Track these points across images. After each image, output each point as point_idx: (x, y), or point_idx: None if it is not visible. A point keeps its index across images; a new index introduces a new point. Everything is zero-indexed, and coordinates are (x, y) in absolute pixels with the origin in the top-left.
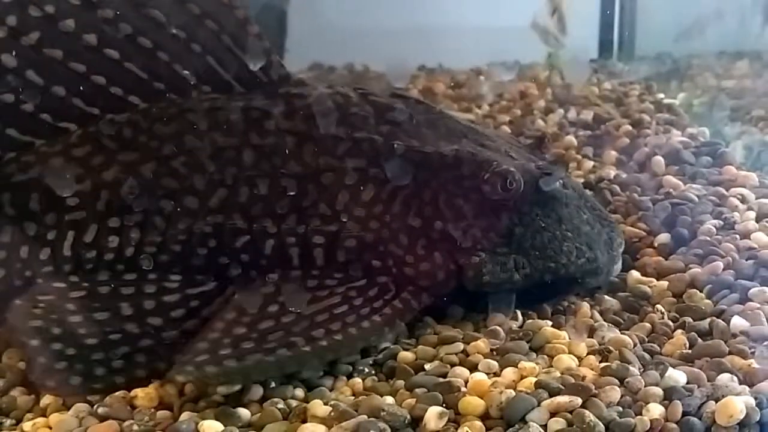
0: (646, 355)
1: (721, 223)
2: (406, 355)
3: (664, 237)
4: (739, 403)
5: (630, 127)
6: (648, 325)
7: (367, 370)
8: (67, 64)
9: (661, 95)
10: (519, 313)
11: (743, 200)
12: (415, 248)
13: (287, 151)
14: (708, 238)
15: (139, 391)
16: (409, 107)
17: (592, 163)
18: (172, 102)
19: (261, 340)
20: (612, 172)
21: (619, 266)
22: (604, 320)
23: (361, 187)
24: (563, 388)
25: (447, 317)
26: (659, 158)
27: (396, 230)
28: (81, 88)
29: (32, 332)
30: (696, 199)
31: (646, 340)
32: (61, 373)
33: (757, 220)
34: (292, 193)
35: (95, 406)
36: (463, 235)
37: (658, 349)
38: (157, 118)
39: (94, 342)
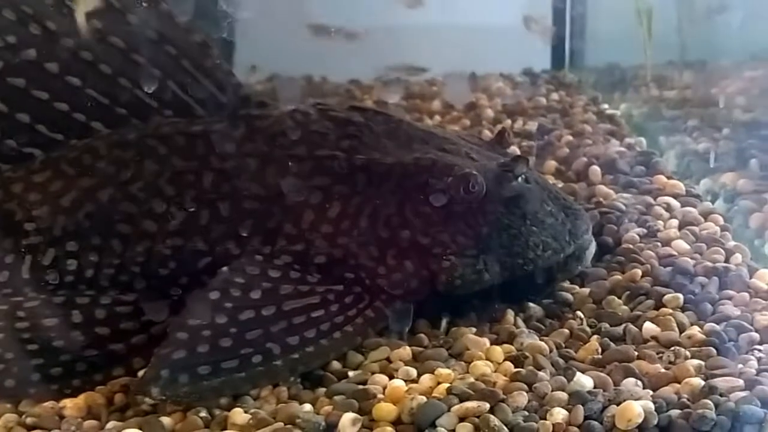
0: (561, 361)
1: (645, 231)
2: (333, 364)
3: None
4: (637, 407)
5: (571, 138)
6: (567, 331)
7: (293, 378)
8: (30, 91)
9: (605, 106)
10: (444, 320)
11: (668, 209)
12: (386, 259)
13: (249, 173)
14: (631, 246)
15: (67, 402)
16: (368, 119)
17: None
18: (134, 127)
19: (238, 341)
20: (550, 182)
21: (592, 249)
22: (527, 327)
23: (327, 205)
24: (473, 393)
25: None
26: (596, 168)
27: (365, 243)
28: (45, 114)
29: None
30: (623, 207)
31: (563, 345)
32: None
33: (680, 228)
34: (255, 215)
35: (24, 416)
36: (432, 241)
37: (574, 354)
38: (116, 144)
39: (34, 347)
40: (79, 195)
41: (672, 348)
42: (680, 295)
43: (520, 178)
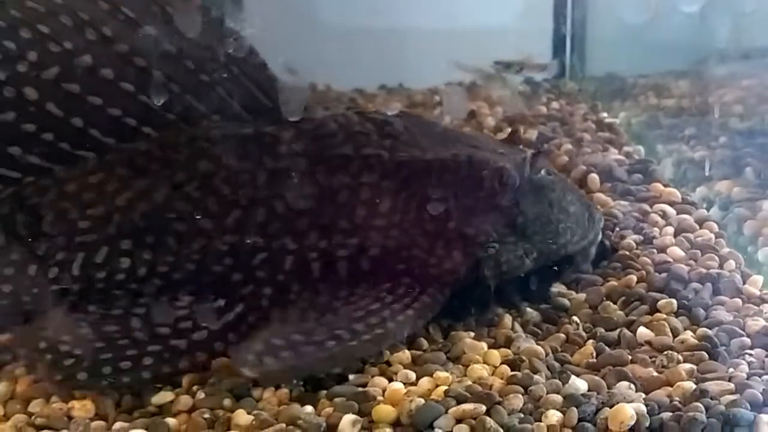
0: (556, 364)
1: (641, 238)
2: None
3: None
4: (629, 410)
5: (570, 146)
6: (563, 335)
7: (295, 381)
8: (85, 97)
9: (605, 114)
10: (438, 326)
11: (664, 216)
12: (435, 249)
13: (301, 173)
14: (627, 253)
15: (75, 403)
16: (403, 120)
17: None
18: (183, 131)
19: (309, 336)
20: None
21: (599, 237)
22: (524, 331)
23: (376, 200)
24: (470, 396)
25: None
26: (594, 176)
27: (414, 235)
28: (97, 119)
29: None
30: (621, 215)
31: (559, 349)
32: (69, 369)
33: (675, 234)
34: (309, 212)
35: (33, 417)
36: (475, 231)
37: (569, 358)
38: (169, 146)
39: (102, 343)
40: (135, 195)
41: (665, 352)
42: (674, 301)
43: (543, 171)
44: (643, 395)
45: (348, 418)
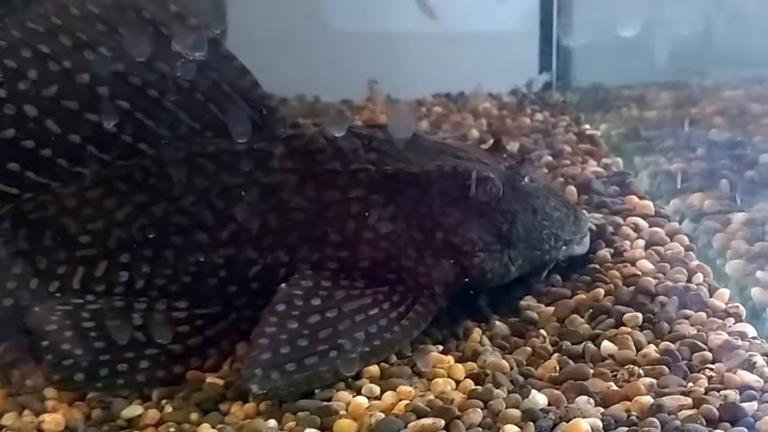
0: (520, 378)
1: (612, 251)
2: None
3: None
4: (585, 425)
5: (551, 158)
6: (529, 349)
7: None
8: (82, 114)
9: (587, 126)
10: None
11: (636, 229)
12: (424, 259)
13: (292, 187)
14: (597, 266)
15: (46, 416)
16: (387, 134)
17: None
18: (177, 148)
19: (313, 340)
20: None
21: (587, 241)
22: (492, 344)
23: (365, 213)
24: (430, 410)
25: None
26: (572, 188)
27: (403, 247)
28: (94, 135)
29: (46, 333)
30: (594, 227)
31: (524, 363)
32: (67, 370)
33: (646, 247)
34: (301, 225)
35: (3, 430)
36: (462, 240)
37: (534, 371)
38: (166, 162)
39: (101, 345)
40: (133, 210)
41: (626, 366)
42: (639, 315)
43: (527, 178)
44: (602, 410)
45: None
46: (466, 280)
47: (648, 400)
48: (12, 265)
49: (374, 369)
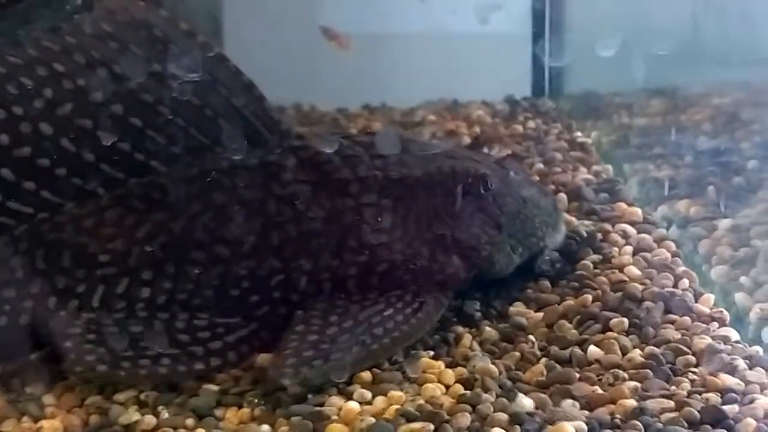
0: (509, 383)
1: (601, 257)
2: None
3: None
4: (570, 428)
5: (542, 166)
6: (518, 353)
7: (257, 400)
8: (96, 132)
9: (578, 133)
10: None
11: (624, 235)
12: (435, 257)
13: (307, 198)
14: (585, 273)
15: (44, 422)
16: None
17: None
18: (190, 165)
19: (334, 343)
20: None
21: (564, 228)
22: (482, 350)
23: (378, 218)
24: (419, 415)
25: None
26: (563, 195)
27: (416, 247)
28: (108, 154)
29: (69, 334)
30: (584, 234)
31: (513, 368)
32: (90, 362)
33: (634, 254)
34: (320, 233)
35: None
36: (468, 236)
37: (522, 376)
38: (182, 179)
39: (123, 344)
40: (153, 227)
41: (612, 370)
42: (625, 320)
43: (512, 172)
44: (587, 413)
45: None
46: (475, 272)
47: (632, 403)
48: (29, 284)
49: (366, 375)
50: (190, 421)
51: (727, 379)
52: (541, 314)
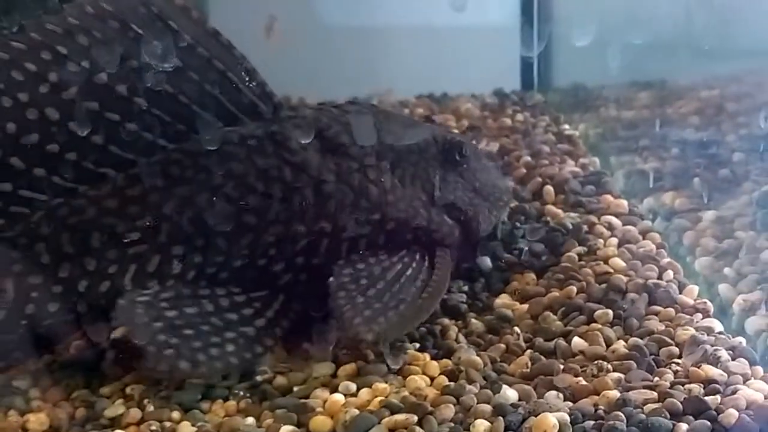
0: (493, 374)
1: (586, 249)
2: (279, 379)
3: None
4: (552, 419)
5: (529, 158)
6: (503, 345)
7: (242, 393)
8: (103, 114)
9: (566, 126)
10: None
11: (609, 227)
12: (433, 217)
13: (317, 163)
14: (569, 264)
15: (31, 416)
16: (368, 109)
17: None
18: (197, 139)
19: (382, 303)
20: None
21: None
22: (468, 342)
23: (381, 179)
24: (403, 406)
25: None
26: (550, 188)
27: (417, 207)
28: (116, 135)
29: (140, 328)
30: (570, 226)
31: (498, 360)
32: (172, 360)
33: (619, 245)
34: (336, 196)
35: None
36: (456, 197)
37: (506, 368)
38: (197, 154)
39: (190, 332)
40: (180, 202)
41: (596, 361)
42: (610, 311)
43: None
44: (570, 404)
45: (286, 429)
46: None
47: (615, 394)
48: (58, 269)
49: (351, 367)
50: (175, 414)
51: (710, 370)
52: (526, 306)
